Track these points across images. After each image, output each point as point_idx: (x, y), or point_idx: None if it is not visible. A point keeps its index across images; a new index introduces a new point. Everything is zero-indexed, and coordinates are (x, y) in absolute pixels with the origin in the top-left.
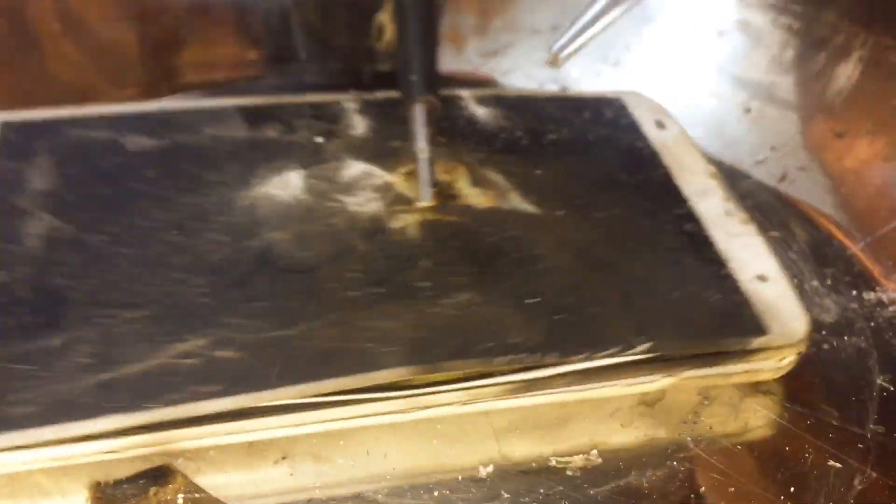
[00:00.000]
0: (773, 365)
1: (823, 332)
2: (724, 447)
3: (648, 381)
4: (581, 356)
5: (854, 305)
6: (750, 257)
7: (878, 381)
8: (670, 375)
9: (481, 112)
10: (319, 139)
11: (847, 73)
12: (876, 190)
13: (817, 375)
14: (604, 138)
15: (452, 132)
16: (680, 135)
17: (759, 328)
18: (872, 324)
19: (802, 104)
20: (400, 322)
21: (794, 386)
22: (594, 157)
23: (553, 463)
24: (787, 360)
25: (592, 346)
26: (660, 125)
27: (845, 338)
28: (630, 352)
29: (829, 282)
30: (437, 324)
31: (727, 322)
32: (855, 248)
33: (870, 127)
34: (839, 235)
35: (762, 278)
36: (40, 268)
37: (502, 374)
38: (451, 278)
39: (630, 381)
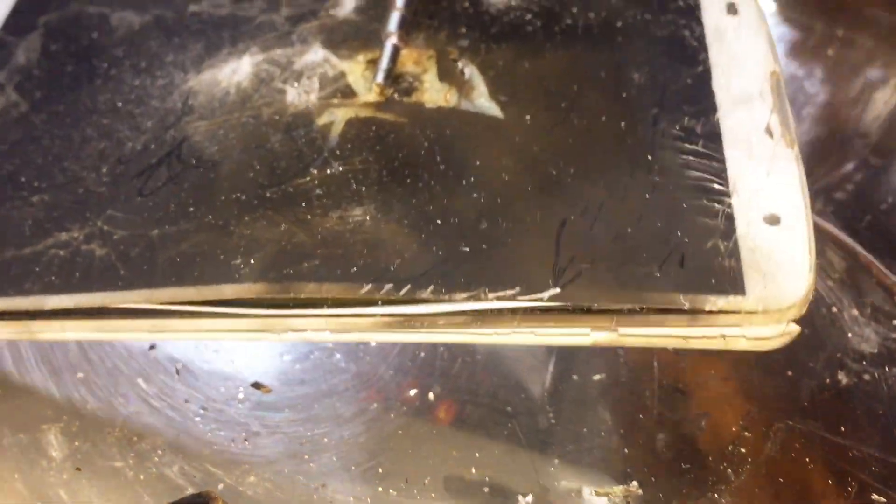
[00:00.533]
0: (744, 334)
1: (864, 363)
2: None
3: (558, 335)
4: (464, 295)
5: (895, 335)
6: (768, 191)
7: None
8: (595, 330)
9: None
10: (295, 20)
11: (884, 98)
12: None
13: (859, 407)
14: (642, 24)
15: (448, 11)
16: (753, 23)
17: (730, 285)
18: None
19: (838, 130)
20: (272, 232)
21: (835, 417)
22: (617, 47)
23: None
24: (765, 331)
25: (485, 285)
26: (731, 9)
27: (886, 368)
28: (529, 296)
29: (868, 311)
30: (310, 238)
31: (692, 272)
32: (893, 279)
33: None
34: (878, 264)
35: (772, 220)
36: None
37: (372, 304)
38: (353, 186)
39: (528, 330)
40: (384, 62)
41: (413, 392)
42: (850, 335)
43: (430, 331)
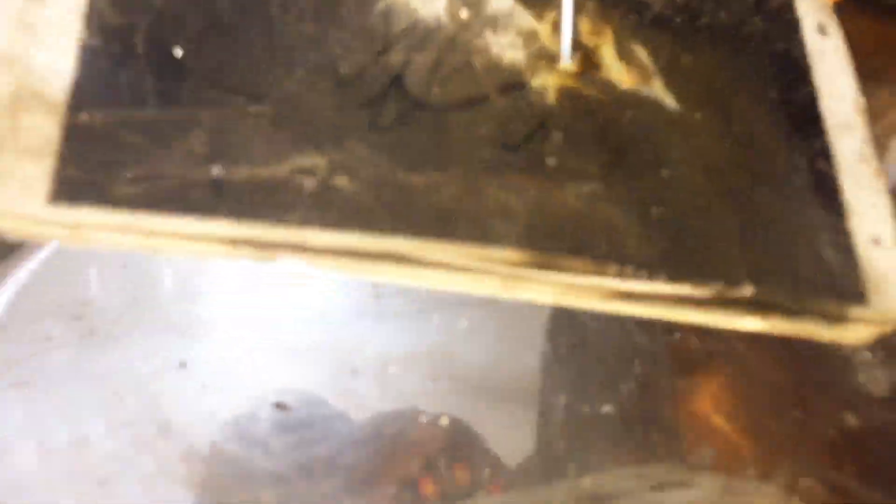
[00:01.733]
0: (858, 335)
1: (874, 405)
2: None
3: (737, 321)
4: (687, 283)
5: None
6: (871, 215)
7: None
8: (761, 319)
9: None
10: None
11: None
12: None
13: (868, 449)
14: (760, 33)
15: None
16: (839, 49)
17: (860, 296)
18: None
19: None
20: (523, 199)
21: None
22: (746, 54)
23: None
24: (873, 333)
25: (699, 276)
26: (822, 30)
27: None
28: (731, 292)
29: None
30: (559, 211)
31: (832, 282)
32: None
33: None
34: None
35: (876, 241)
36: (161, 21)
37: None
38: (580, 161)
39: (722, 317)
40: (567, 30)
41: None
42: (860, 376)
43: (637, 307)
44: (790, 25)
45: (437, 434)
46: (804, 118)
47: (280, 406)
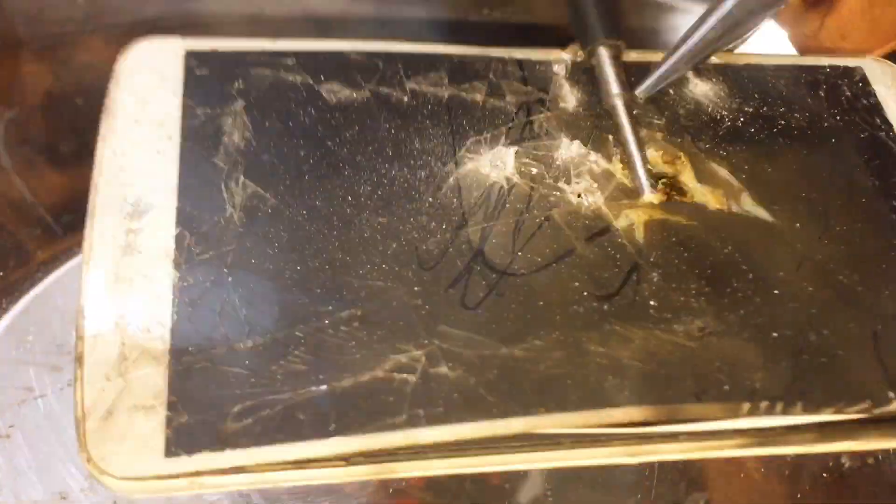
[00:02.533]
0: None
1: None
2: None
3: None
4: (828, 410)
5: None
6: None
7: None
8: None
9: (702, 88)
10: (526, 109)
11: None
12: None
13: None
14: (842, 125)
15: (671, 113)
16: None
17: None
18: None
19: None
20: (630, 349)
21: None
22: (831, 149)
23: None
24: None
25: (840, 398)
26: None
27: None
28: (881, 408)
29: None
30: (671, 356)
31: None
32: None
33: None
34: None
35: None
36: (246, 246)
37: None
38: (682, 297)
39: (873, 441)
40: (640, 164)
41: None
42: None
43: (779, 447)
44: (871, 110)
45: None
46: None
47: None
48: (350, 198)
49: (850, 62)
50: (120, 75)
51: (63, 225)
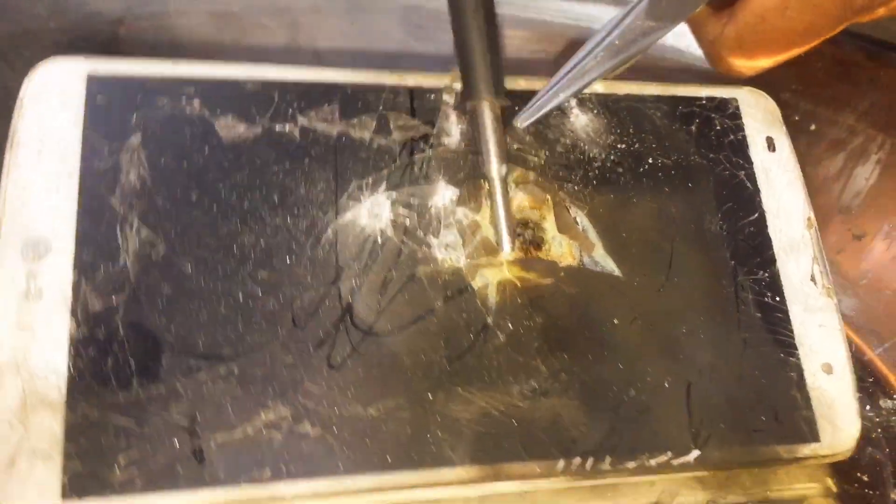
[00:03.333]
0: (811, 468)
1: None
2: None
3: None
4: (632, 462)
5: (871, 414)
6: (821, 342)
7: (894, 495)
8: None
9: (582, 121)
10: (410, 147)
11: (865, 174)
12: (894, 294)
13: (836, 486)
14: (706, 164)
15: (548, 148)
16: (788, 161)
17: (812, 434)
18: (889, 433)
19: (820, 206)
20: (469, 410)
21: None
22: (690, 191)
23: None
24: (826, 463)
25: (644, 451)
26: (770, 145)
27: (861, 448)
28: (679, 458)
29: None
30: (503, 416)
31: (783, 425)
32: (872, 354)
33: (888, 230)
34: (857, 340)
35: (827, 369)
36: (137, 296)
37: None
38: (521, 358)
39: (674, 477)
40: (503, 222)
41: None
42: None
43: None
44: (736, 146)
45: None
46: (753, 246)
47: None
48: (235, 249)
49: (726, 93)
50: (24, 100)
51: None
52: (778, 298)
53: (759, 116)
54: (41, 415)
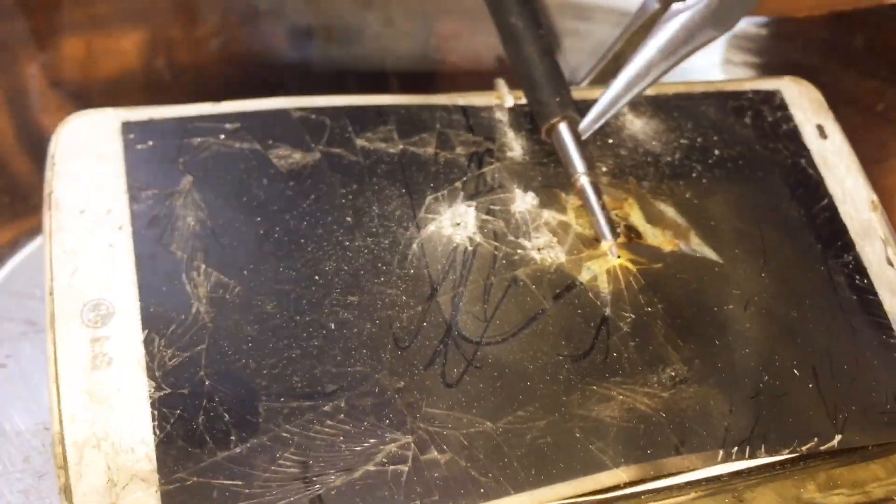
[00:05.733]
0: None
1: None
2: None
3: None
4: (785, 450)
5: None
6: None
7: None
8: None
9: (637, 125)
10: (478, 160)
11: None
12: None
13: None
14: (768, 153)
15: (613, 154)
16: (842, 147)
17: None
18: None
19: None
20: (610, 408)
21: None
22: (761, 179)
23: None
24: None
25: (793, 438)
26: (821, 132)
27: None
28: (825, 445)
29: None
30: (650, 410)
31: None
32: None
33: None
34: None
35: None
36: (218, 343)
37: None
38: (651, 346)
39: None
40: (597, 208)
41: None
42: None
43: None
44: (791, 137)
45: None
46: (832, 231)
47: None
48: (317, 277)
49: (769, 84)
50: (56, 160)
51: None
52: (866, 281)
53: (805, 105)
54: (133, 491)
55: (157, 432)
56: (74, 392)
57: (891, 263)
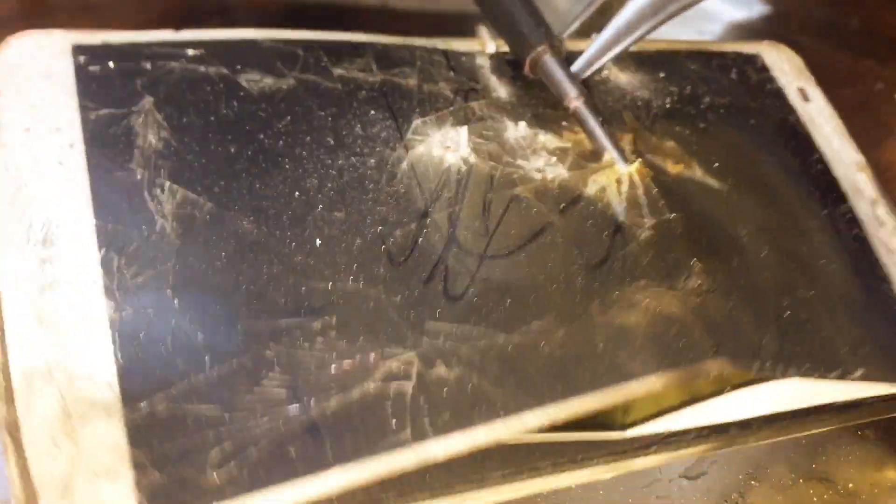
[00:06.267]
0: None
1: None
2: None
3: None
4: (814, 375)
5: None
6: None
7: None
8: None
9: (624, 78)
10: (463, 94)
11: None
12: None
13: None
14: (757, 107)
15: (602, 101)
16: (825, 109)
17: None
18: None
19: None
20: (636, 314)
21: None
22: (752, 127)
23: None
24: None
25: (819, 365)
26: (804, 96)
27: None
28: (849, 376)
29: None
30: (676, 317)
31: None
32: None
33: None
34: None
35: None
36: (188, 260)
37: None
38: (672, 254)
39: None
40: (598, 127)
41: None
42: None
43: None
44: (777, 96)
45: None
46: (827, 182)
47: None
48: (298, 193)
49: (748, 48)
50: None
51: None
52: (863, 234)
53: (786, 69)
54: (93, 422)
55: (119, 356)
56: (21, 316)
57: (881, 223)
